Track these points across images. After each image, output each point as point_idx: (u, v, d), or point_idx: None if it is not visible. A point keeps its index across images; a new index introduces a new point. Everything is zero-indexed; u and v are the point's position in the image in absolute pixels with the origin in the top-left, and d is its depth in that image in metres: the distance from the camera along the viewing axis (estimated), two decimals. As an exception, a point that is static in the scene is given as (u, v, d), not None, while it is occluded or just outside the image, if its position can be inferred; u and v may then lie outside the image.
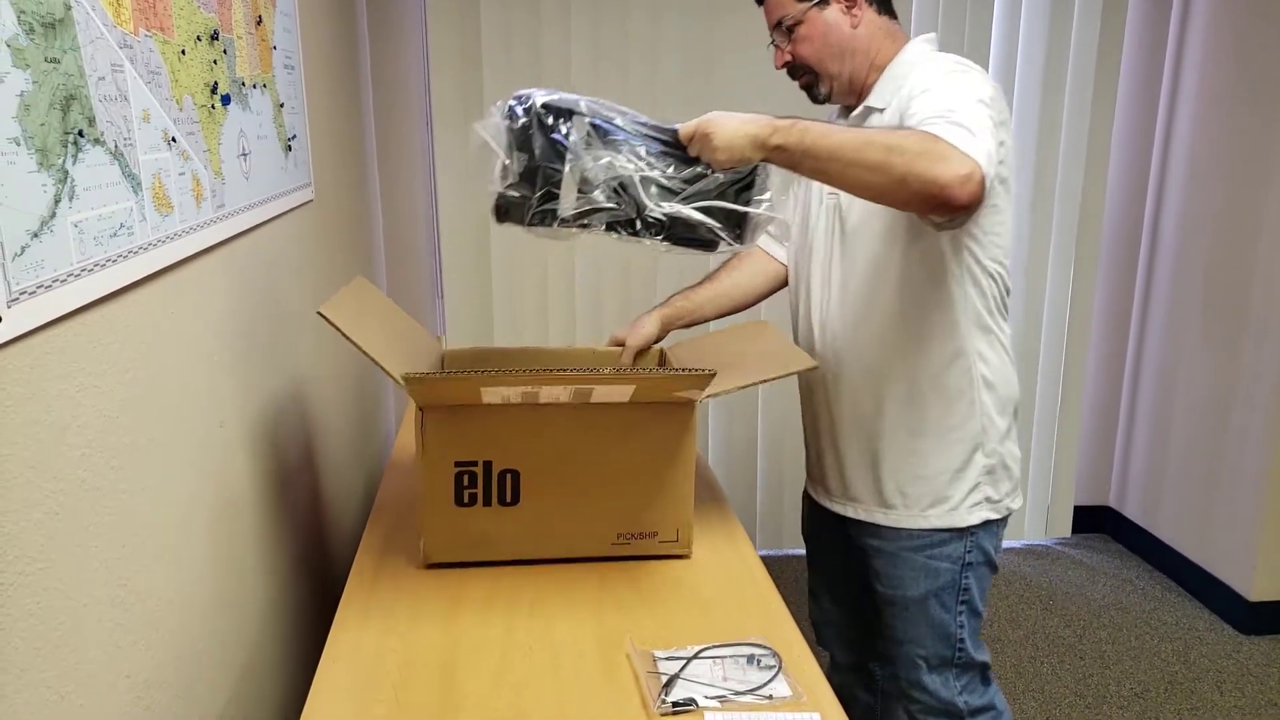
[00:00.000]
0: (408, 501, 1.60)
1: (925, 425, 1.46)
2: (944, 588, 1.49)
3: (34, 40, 0.76)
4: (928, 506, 1.48)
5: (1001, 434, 1.48)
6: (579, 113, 1.24)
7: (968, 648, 1.52)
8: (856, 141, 1.16)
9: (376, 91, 2.66)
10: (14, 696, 0.73)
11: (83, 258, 0.83)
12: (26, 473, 0.75)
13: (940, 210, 1.17)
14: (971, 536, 1.49)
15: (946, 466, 1.47)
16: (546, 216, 1.26)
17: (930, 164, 1.12)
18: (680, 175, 1.26)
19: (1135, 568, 3.09)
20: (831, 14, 1.42)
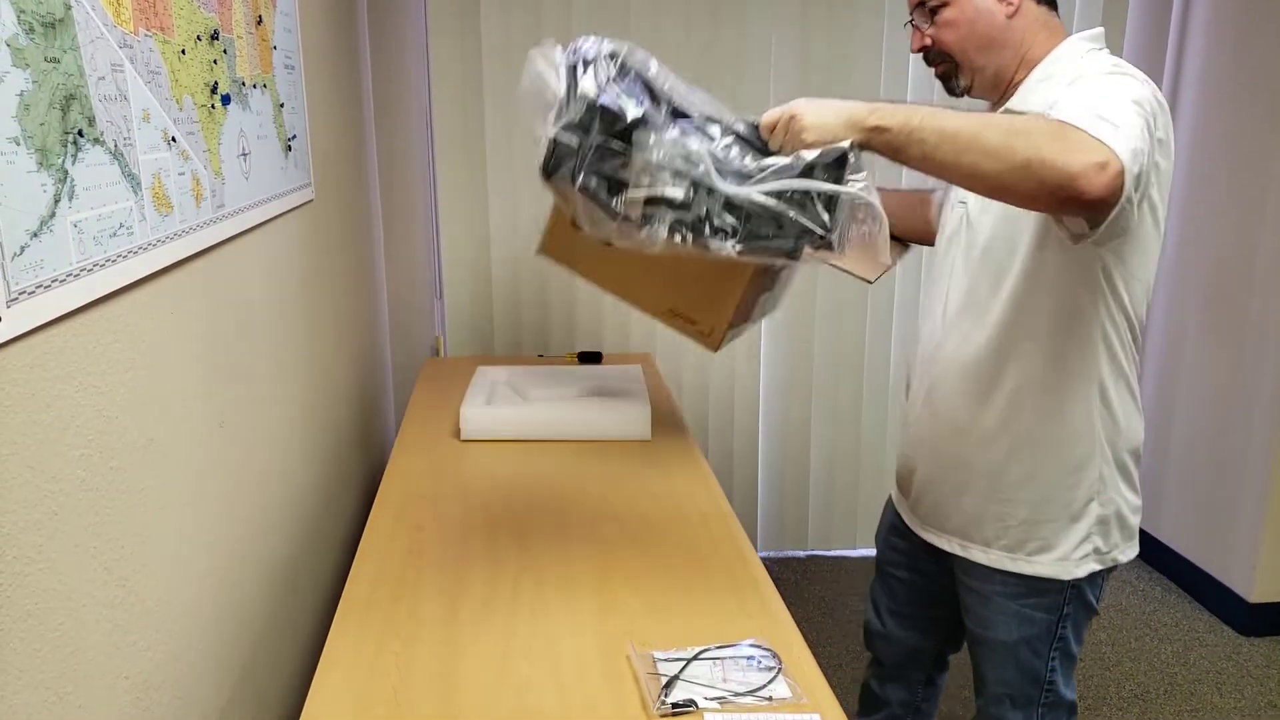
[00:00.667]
0: (409, 501, 1.60)
1: (1039, 465, 1.33)
2: (1038, 636, 1.39)
3: (34, 40, 0.76)
4: (1031, 552, 1.36)
5: (1120, 483, 1.35)
6: (650, 78, 1.07)
7: (1058, 688, 1.44)
8: (974, 124, 1.03)
9: (376, 91, 2.66)
10: (13, 697, 0.73)
11: (82, 257, 0.83)
12: (25, 473, 0.75)
13: (1071, 206, 1.02)
14: (1074, 589, 1.37)
15: (1056, 514, 1.34)
16: (603, 187, 1.06)
17: (1060, 149, 0.99)
18: (760, 165, 1.08)
19: (1134, 569, 3.09)
20: (986, 1, 1.28)
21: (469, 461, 1.78)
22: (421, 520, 1.53)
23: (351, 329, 2.17)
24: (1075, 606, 1.39)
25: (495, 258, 2.79)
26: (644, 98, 1.07)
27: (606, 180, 1.07)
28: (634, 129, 1.04)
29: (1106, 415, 1.31)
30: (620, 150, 1.05)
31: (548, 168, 1.08)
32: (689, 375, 2.94)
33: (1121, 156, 1.00)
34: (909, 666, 1.74)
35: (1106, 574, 1.41)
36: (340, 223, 2.07)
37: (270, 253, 1.49)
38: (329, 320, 1.92)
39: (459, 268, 2.80)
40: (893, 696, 1.78)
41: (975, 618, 1.45)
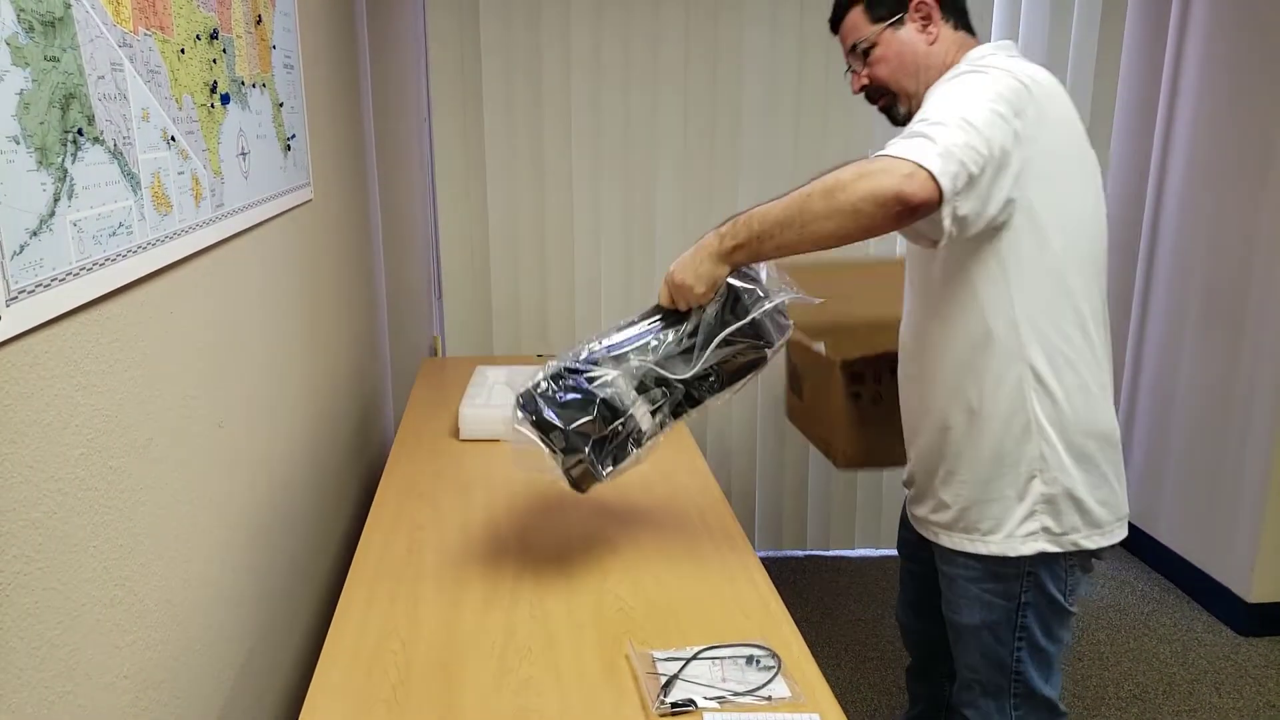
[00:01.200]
0: (408, 500, 1.60)
1: (979, 445, 1.38)
2: (999, 622, 1.42)
3: (33, 38, 0.76)
4: (985, 532, 1.40)
5: (1070, 463, 1.36)
6: (571, 369, 1.28)
7: (1029, 679, 1.45)
8: (797, 201, 1.19)
9: (375, 91, 2.65)
10: (12, 696, 0.73)
11: (82, 256, 0.83)
12: (25, 471, 0.75)
13: (908, 216, 1.16)
14: (1030, 576, 1.39)
15: (1002, 491, 1.38)
16: (618, 454, 1.28)
17: (872, 183, 1.14)
18: (686, 334, 1.30)
19: (1133, 569, 3.09)
20: (907, 32, 1.41)
21: (468, 461, 1.78)
22: (420, 519, 1.53)
23: (350, 329, 2.17)
24: (1035, 595, 1.40)
25: (494, 258, 2.79)
26: (583, 384, 1.27)
27: (614, 452, 1.28)
28: (587, 420, 1.25)
29: (1043, 395, 1.34)
30: (610, 431, 1.26)
31: (582, 489, 1.30)
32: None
33: (925, 163, 1.14)
34: (932, 659, 1.77)
35: (1073, 567, 1.41)
36: (339, 223, 2.07)
37: (269, 252, 1.49)
38: (328, 320, 1.92)
39: (458, 268, 2.80)
40: (923, 691, 1.82)
41: (946, 602, 1.50)
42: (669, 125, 2.75)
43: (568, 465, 1.26)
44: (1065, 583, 1.41)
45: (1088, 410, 1.37)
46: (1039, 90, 1.26)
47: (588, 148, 2.75)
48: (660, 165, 2.78)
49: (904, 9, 1.40)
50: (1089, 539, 1.39)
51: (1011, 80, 1.25)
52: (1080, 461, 1.38)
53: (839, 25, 1.47)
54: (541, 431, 1.26)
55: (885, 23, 1.41)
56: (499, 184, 2.75)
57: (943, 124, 1.18)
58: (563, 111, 2.71)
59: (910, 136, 1.18)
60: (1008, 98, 1.23)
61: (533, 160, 2.74)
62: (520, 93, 2.69)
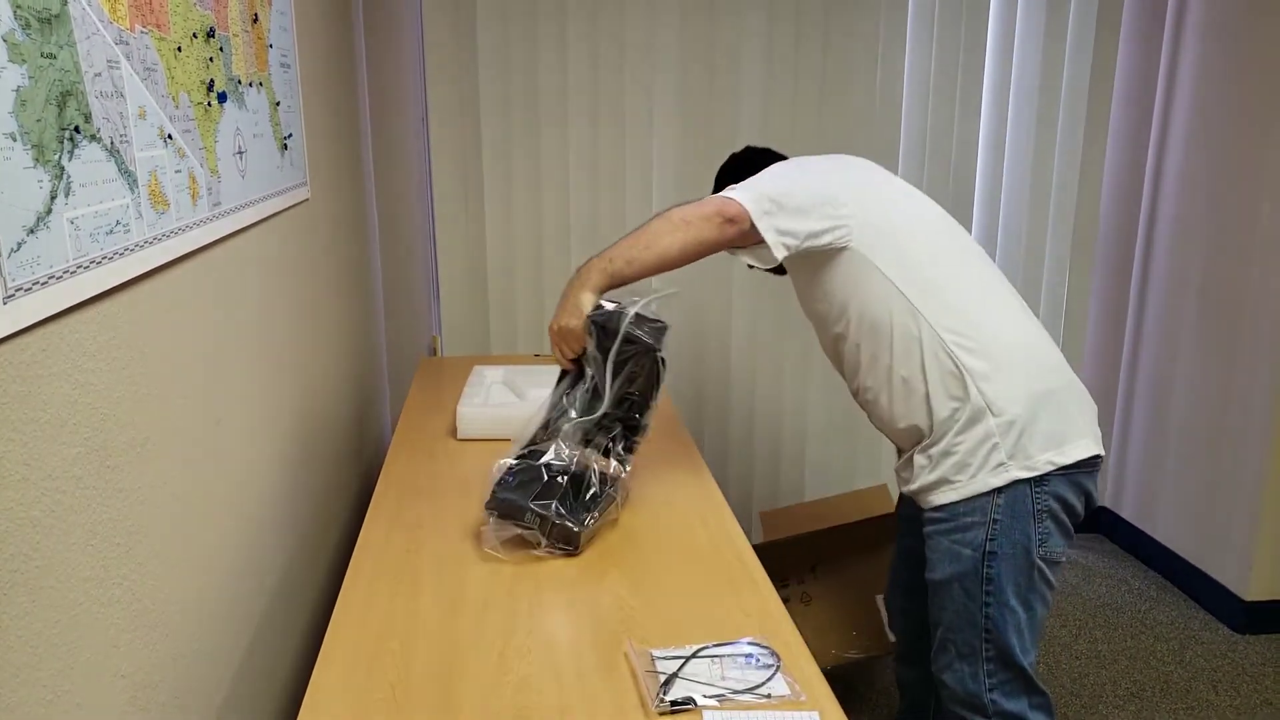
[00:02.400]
0: (406, 499, 1.60)
1: (936, 412, 1.50)
2: (966, 573, 1.49)
3: (30, 35, 0.76)
4: (957, 482, 1.49)
5: (1011, 397, 1.46)
6: (515, 461, 1.45)
7: (1001, 639, 1.48)
8: (645, 229, 1.49)
9: (372, 90, 2.65)
10: (10, 696, 0.72)
11: (79, 254, 0.83)
12: (22, 470, 0.75)
13: (730, 229, 1.47)
14: (995, 524, 1.47)
15: (964, 442, 1.48)
16: (592, 504, 1.42)
17: (697, 207, 1.49)
18: (589, 380, 1.50)
19: (1130, 567, 3.10)
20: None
21: (465, 460, 1.77)
22: (419, 518, 1.53)
23: (347, 328, 2.17)
24: (1002, 542, 1.47)
25: (491, 258, 2.79)
26: (528, 465, 1.44)
27: (588, 504, 1.43)
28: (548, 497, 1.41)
29: (962, 350, 1.48)
30: (566, 491, 1.42)
31: (572, 547, 1.41)
32: (683, 375, 2.94)
33: (739, 199, 1.48)
34: (919, 639, 1.79)
35: (1043, 513, 1.47)
36: (336, 222, 2.07)
37: (266, 251, 1.49)
38: (325, 319, 1.91)
39: (455, 268, 2.80)
40: (911, 677, 1.85)
41: (927, 566, 1.56)
42: (664, 127, 2.75)
43: (546, 531, 1.38)
44: (1033, 530, 1.46)
45: (1007, 350, 1.49)
46: (834, 198, 1.52)
47: (584, 148, 2.74)
48: (655, 167, 2.78)
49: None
50: (1058, 454, 1.46)
51: (817, 187, 1.54)
52: (1025, 395, 1.47)
53: None
54: (512, 518, 1.38)
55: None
56: (496, 184, 2.74)
57: (750, 189, 1.51)
58: (560, 112, 2.71)
59: (730, 190, 1.50)
60: (797, 193, 1.51)
61: (529, 160, 2.74)
62: (517, 93, 2.68)
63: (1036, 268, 3.02)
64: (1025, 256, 3.01)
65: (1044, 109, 2.89)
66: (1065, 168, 2.94)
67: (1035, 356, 1.51)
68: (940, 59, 2.81)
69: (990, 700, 1.51)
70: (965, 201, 2.93)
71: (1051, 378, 1.51)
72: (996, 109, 2.90)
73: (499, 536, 1.40)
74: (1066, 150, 2.93)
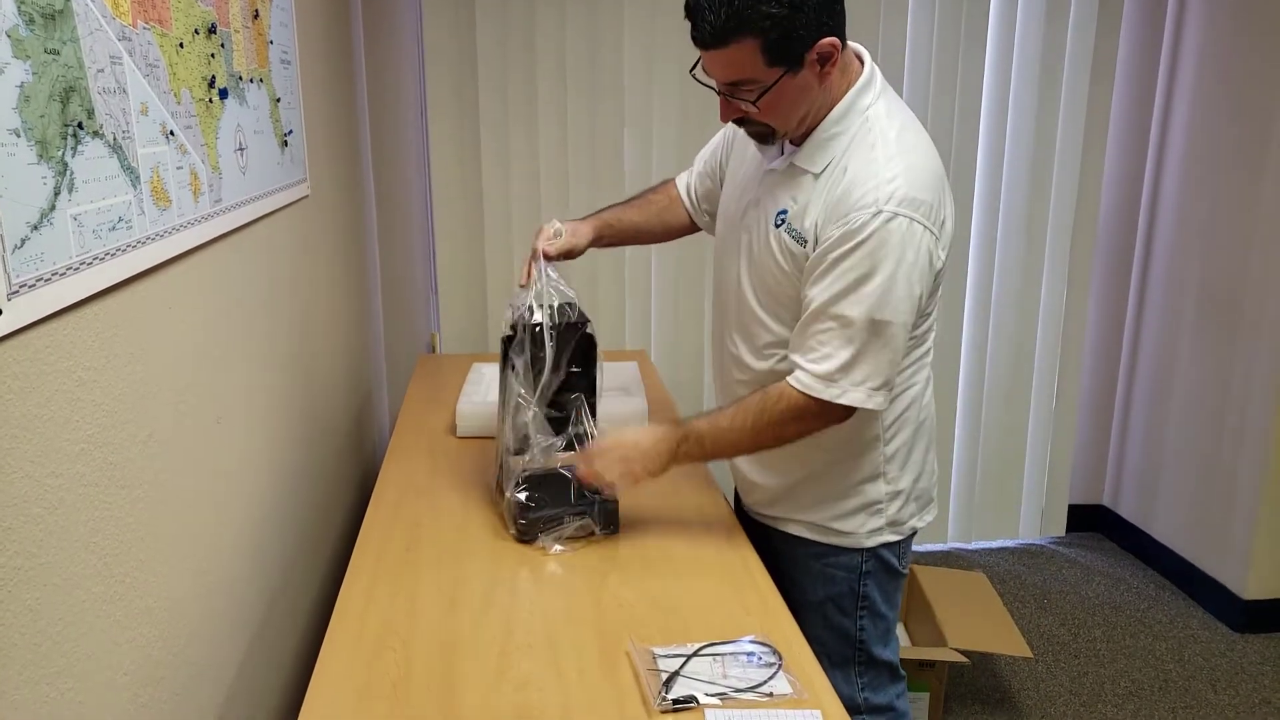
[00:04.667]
0: (406, 494, 1.59)
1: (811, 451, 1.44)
2: (842, 594, 1.48)
3: (34, 31, 0.75)
4: (827, 519, 1.47)
5: (897, 459, 1.45)
6: (516, 492, 1.46)
7: (870, 646, 1.51)
8: (748, 435, 1.36)
9: (371, 87, 2.64)
10: (14, 693, 0.72)
11: (82, 251, 0.82)
12: (26, 466, 0.74)
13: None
14: (869, 550, 1.47)
15: (837, 489, 1.46)
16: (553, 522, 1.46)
17: (796, 429, 1.35)
18: (529, 367, 1.47)
19: (1129, 566, 3.10)
20: (803, 77, 1.26)
21: (465, 458, 1.77)
22: (419, 516, 1.53)
23: (346, 325, 2.16)
24: (873, 564, 1.47)
25: (490, 255, 2.79)
26: (519, 494, 1.45)
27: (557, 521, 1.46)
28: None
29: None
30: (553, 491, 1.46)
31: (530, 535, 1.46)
32: (684, 373, 2.94)
33: (834, 400, 1.29)
34: None
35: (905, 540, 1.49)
36: (335, 219, 2.06)
37: (267, 248, 1.48)
38: (324, 316, 1.91)
39: (454, 265, 2.79)
40: None
41: (790, 582, 1.53)
42: (663, 124, 2.75)
43: (595, 519, 1.45)
44: (900, 549, 1.50)
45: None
46: (944, 235, 1.31)
47: (582, 145, 2.74)
48: (655, 163, 2.78)
49: (805, 54, 1.24)
50: (920, 518, 1.51)
51: (925, 261, 1.27)
52: (901, 456, 1.46)
53: (710, 45, 1.24)
54: (556, 531, 1.44)
55: (784, 69, 1.24)
56: (495, 181, 2.74)
57: (861, 362, 1.28)
58: (558, 109, 2.70)
59: (820, 386, 1.29)
60: (919, 290, 1.28)
61: (528, 157, 2.73)
62: (516, 90, 2.68)
63: (1036, 263, 3.02)
64: (1024, 255, 3.01)
65: (1044, 106, 2.89)
66: (1065, 165, 2.95)
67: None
68: (939, 56, 2.81)
69: (863, 699, 1.55)
70: (965, 199, 2.93)
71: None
72: (996, 105, 2.90)
73: (559, 540, 1.43)
74: (1066, 147, 2.93)
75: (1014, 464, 3.18)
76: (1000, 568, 3.08)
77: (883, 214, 1.24)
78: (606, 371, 2.17)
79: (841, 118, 1.32)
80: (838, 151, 1.31)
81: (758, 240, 1.40)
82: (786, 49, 1.22)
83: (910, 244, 1.25)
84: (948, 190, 1.33)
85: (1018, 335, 3.07)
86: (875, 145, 1.29)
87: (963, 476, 3.18)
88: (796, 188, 1.34)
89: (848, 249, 1.25)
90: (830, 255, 1.27)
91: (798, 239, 1.32)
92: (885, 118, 1.31)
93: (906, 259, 1.25)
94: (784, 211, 1.35)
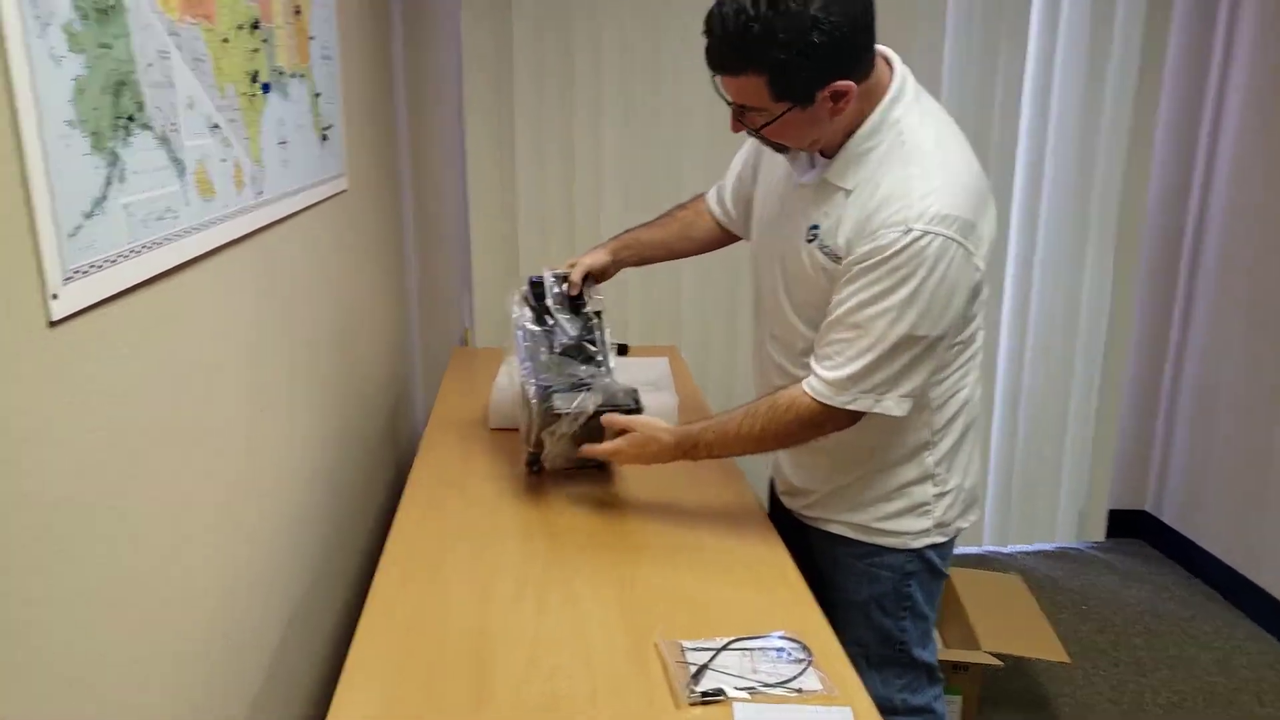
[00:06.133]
0: (439, 489, 1.61)
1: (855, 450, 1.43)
2: (885, 594, 1.47)
3: (88, 25, 0.77)
4: (873, 520, 1.46)
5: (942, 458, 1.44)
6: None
7: (910, 648, 1.50)
8: (752, 438, 1.36)
9: (409, 83, 2.67)
10: (54, 668, 0.74)
11: (132, 239, 0.85)
12: (69, 449, 0.77)
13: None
14: (914, 550, 1.46)
15: (884, 491, 1.45)
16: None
17: (805, 434, 1.35)
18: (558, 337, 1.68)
19: (1172, 574, 3.04)
20: (813, 111, 1.24)
21: (498, 451, 1.79)
22: (452, 507, 1.54)
23: (383, 317, 2.19)
24: (917, 564, 1.47)
25: (523, 249, 2.80)
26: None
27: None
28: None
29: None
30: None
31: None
32: (715, 368, 2.93)
33: (844, 406, 1.29)
34: None
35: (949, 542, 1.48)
36: (372, 212, 2.09)
37: (306, 240, 1.51)
38: (362, 308, 1.94)
39: (488, 259, 2.81)
40: None
41: (830, 584, 1.54)
42: (699, 121, 2.75)
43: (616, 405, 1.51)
44: (944, 550, 1.49)
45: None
46: (981, 254, 1.28)
47: (617, 143, 2.75)
48: (688, 160, 2.77)
49: (816, 93, 1.21)
50: (965, 519, 1.50)
51: (956, 276, 1.23)
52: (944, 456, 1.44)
53: (719, 71, 1.25)
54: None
55: (790, 104, 1.22)
56: (529, 176, 2.75)
57: (876, 371, 1.27)
58: (593, 106, 2.71)
59: (833, 393, 1.29)
60: (952, 304, 1.26)
61: (563, 154, 2.75)
62: (551, 87, 2.69)
63: (1078, 260, 2.97)
64: (1066, 254, 2.96)
65: (1089, 93, 2.83)
66: (1110, 158, 2.89)
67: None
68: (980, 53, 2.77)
69: (901, 700, 1.54)
70: (1004, 197, 2.89)
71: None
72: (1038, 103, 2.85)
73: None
74: (1111, 146, 2.88)
75: (1052, 466, 3.13)
76: (1037, 572, 3.04)
77: (913, 232, 1.21)
78: (637, 367, 2.18)
79: (873, 133, 1.29)
80: (871, 166, 1.28)
81: (791, 252, 1.39)
82: (794, 88, 1.21)
83: (941, 261, 1.22)
84: (988, 198, 1.29)
85: (1058, 335, 3.02)
86: (910, 160, 1.26)
87: (999, 478, 3.14)
88: (828, 203, 1.32)
89: (874, 263, 1.24)
90: (857, 267, 1.26)
91: (830, 255, 1.31)
92: (919, 128, 1.28)
93: (934, 276, 1.22)
94: (815, 226, 1.33)
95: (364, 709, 1.04)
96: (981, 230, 1.27)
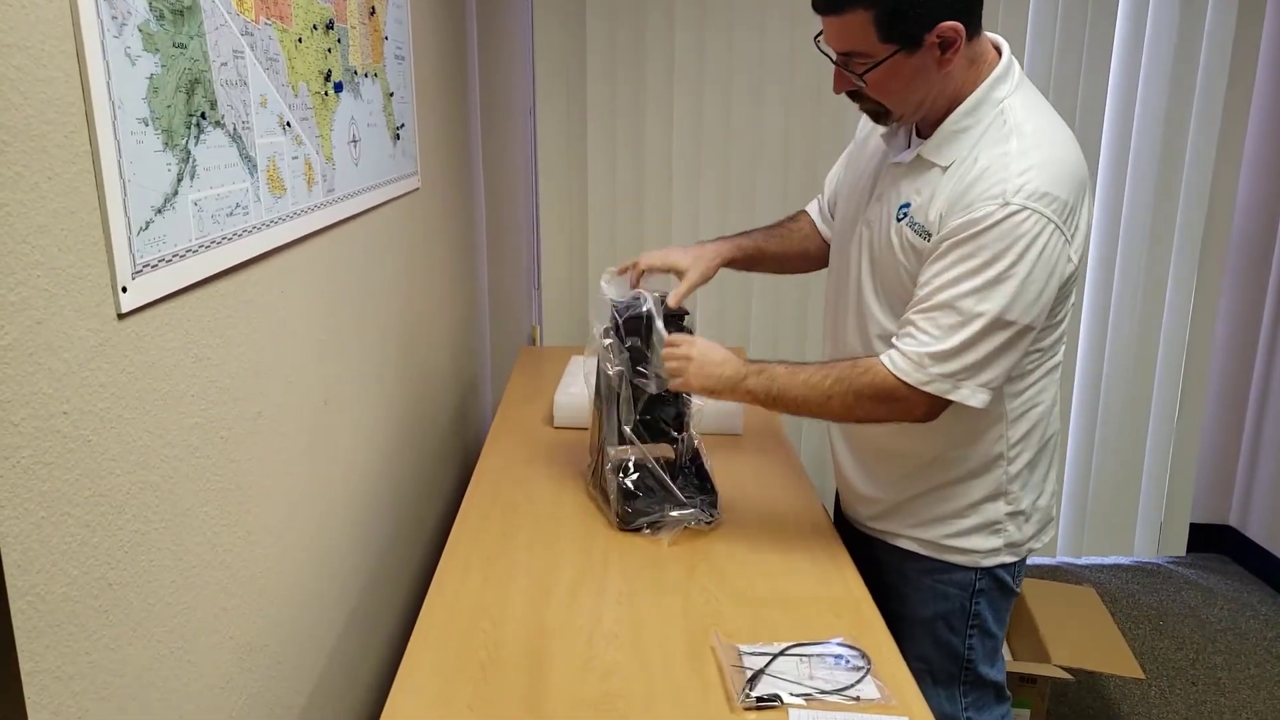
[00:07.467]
0: (504, 484, 1.63)
1: (932, 463, 1.39)
2: (952, 611, 1.42)
3: (164, 26, 0.80)
4: (942, 536, 1.41)
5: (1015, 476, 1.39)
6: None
7: (977, 665, 1.45)
8: (818, 397, 1.29)
9: (483, 83, 2.71)
10: (127, 648, 0.77)
11: (201, 234, 0.87)
12: (144, 437, 0.79)
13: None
14: (984, 569, 1.41)
15: (955, 507, 1.40)
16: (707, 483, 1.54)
17: (881, 411, 1.28)
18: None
19: (1256, 591, 2.90)
20: (919, 59, 1.21)
21: (561, 448, 1.79)
22: (514, 503, 1.55)
23: (451, 315, 2.22)
24: (989, 582, 1.42)
25: (592, 250, 2.81)
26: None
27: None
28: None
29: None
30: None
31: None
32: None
33: (919, 386, 1.23)
34: None
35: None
36: (444, 211, 2.12)
37: (376, 238, 1.53)
38: (430, 306, 1.97)
39: (557, 260, 2.83)
40: None
41: (898, 598, 1.49)
42: (770, 123, 2.72)
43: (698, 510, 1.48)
44: (1015, 568, 1.44)
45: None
46: (1079, 239, 1.23)
47: (688, 145, 2.74)
48: (760, 162, 2.75)
49: (924, 35, 1.19)
50: (1037, 540, 1.45)
51: (1050, 260, 1.19)
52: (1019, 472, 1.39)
53: (824, 10, 1.24)
54: (632, 521, 1.47)
55: (897, 47, 1.20)
56: (600, 177, 2.76)
57: (960, 354, 1.21)
58: (664, 108, 2.70)
59: (920, 370, 1.23)
60: (1042, 292, 1.20)
61: (633, 157, 2.75)
62: (623, 89, 2.69)
63: (1161, 265, 2.85)
64: (1148, 260, 2.84)
65: (1175, 94, 2.72)
66: (1198, 160, 2.77)
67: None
68: (1061, 50, 2.68)
69: (967, 719, 1.49)
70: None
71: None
72: (1123, 105, 2.75)
73: (658, 529, 1.45)
74: (1199, 149, 2.76)
75: (1131, 477, 3.02)
76: (1112, 585, 2.93)
77: (1010, 206, 1.16)
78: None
79: (974, 109, 1.25)
80: (969, 144, 1.24)
81: (879, 236, 1.35)
82: (901, 26, 1.18)
83: (1038, 241, 1.17)
84: (1087, 188, 1.24)
85: (1139, 342, 2.91)
86: (1010, 137, 1.21)
87: (1075, 488, 3.03)
88: (922, 181, 1.28)
89: (966, 236, 1.19)
90: (947, 241, 1.21)
91: (920, 233, 1.26)
92: (1021, 109, 1.24)
93: (1029, 255, 1.17)
94: (907, 205, 1.29)
95: (420, 700, 1.06)
96: (1080, 217, 1.22)
